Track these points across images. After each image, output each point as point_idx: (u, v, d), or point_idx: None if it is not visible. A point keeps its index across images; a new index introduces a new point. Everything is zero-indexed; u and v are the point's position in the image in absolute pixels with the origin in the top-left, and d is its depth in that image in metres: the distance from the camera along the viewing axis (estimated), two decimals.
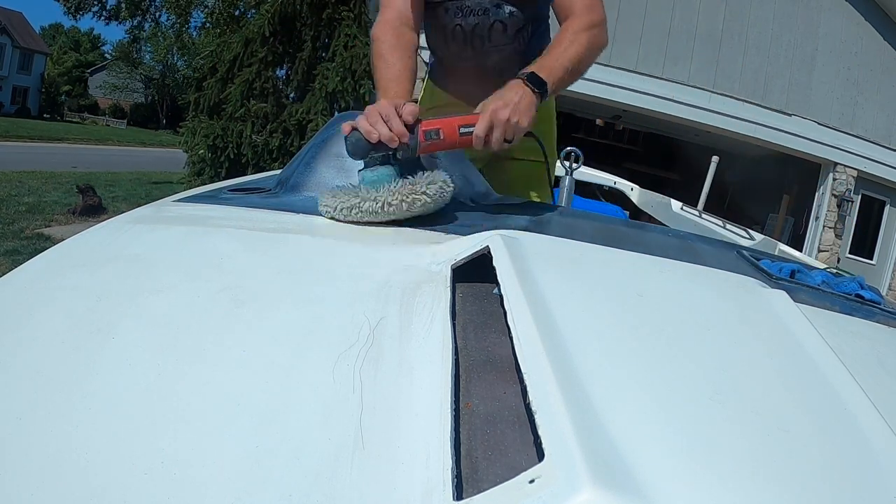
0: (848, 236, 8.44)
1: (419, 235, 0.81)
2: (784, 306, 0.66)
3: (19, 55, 34.80)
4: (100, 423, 0.43)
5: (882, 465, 0.43)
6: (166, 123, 36.76)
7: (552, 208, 1.28)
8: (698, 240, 1.15)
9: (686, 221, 2.57)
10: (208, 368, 0.49)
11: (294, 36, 6.99)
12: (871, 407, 0.49)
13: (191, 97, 7.34)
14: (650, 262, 0.76)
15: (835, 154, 7.93)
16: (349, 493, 0.39)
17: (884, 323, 0.82)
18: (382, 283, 0.63)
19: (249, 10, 8.74)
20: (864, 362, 0.63)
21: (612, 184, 3.13)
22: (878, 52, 8.01)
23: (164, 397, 0.46)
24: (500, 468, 0.41)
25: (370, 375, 0.49)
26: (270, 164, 6.39)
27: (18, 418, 0.44)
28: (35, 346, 0.51)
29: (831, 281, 0.98)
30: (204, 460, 0.41)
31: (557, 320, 0.52)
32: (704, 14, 7.42)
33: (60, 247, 0.72)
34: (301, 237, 0.78)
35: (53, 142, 18.17)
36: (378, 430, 0.44)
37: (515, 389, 0.48)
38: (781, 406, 0.49)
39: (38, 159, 11.81)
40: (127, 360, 0.49)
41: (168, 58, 37.85)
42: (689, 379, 0.50)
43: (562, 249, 0.75)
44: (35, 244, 4.93)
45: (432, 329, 0.56)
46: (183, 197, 0.99)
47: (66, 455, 0.41)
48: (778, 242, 2.52)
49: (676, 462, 0.39)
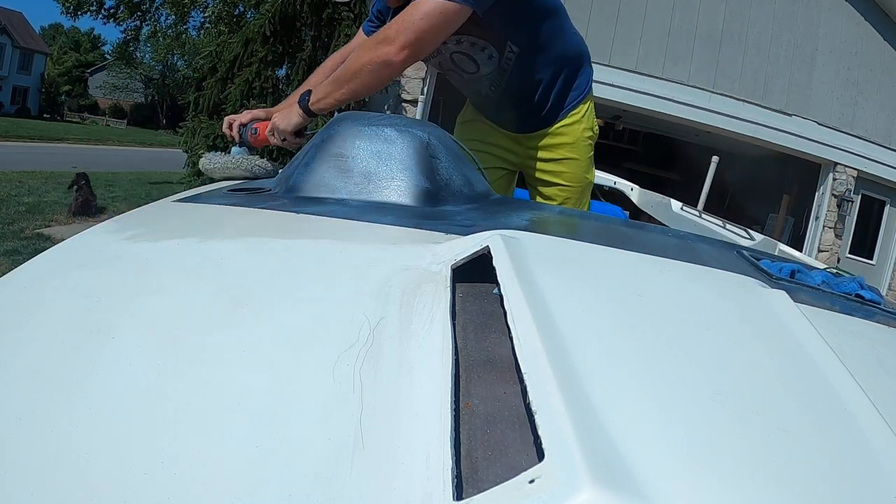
0: (848, 236, 8.44)
1: (419, 235, 0.81)
2: (784, 306, 0.66)
3: (19, 55, 34.80)
4: (100, 423, 0.43)
5: (882, 465, 0.43)
6: (166, 123, 36.74)
7: (552, 208, 1.28)
8: (698, 240, 1.15)
9: (686, 221, 2.57)
10: (208, 368, 0.49)
11: (294, 36, 6.99)
12: (871, 407, 0.49)
13: (191, 97, 7.33)
14: (650, 262, 0.76)
15: (835, 154, 7.94)
16: (349, 493, 0.39)
17: (884, 323, 0.82)
18: (382, 283, 0.63)
19: (249, 9, 8.74)
20: (864, 362, 0.63)
21: (612, 184, 3.12)
22: (878, 52, 8.01)
23: (164, 397, 0.46)
24: (500, 468, 0.41)
25: (370, 375, 0.49)
26: None
27: (18, 418, 0.44)
28: (35, 346, 0.51)
29: (831, 281, 0.98)
30: (204, 460, 0.41)
31: (557, 320, 0.52)
32: (704, 14, 7.42)
33: (60, 247, 0.72)
34: (301, 237, 0.78)
35: (53, 142, 18.17)
36: (378, 430, 0.44)
37: (515, 389, 0.48)
38: (781, 406, 0.49)
39: (38, 159, 11.81)
40: (127, 360, 0.49)
41: (168, 58, 37.82)
42: (689, 379, 0.50)
43: (562, 249, 0.75)
44: (35, 244, 4.93)
45: (432, 329, 0.56)
46: (183, 197, 0.99)
47: (66, 455, 0.41)
48: (778, 242, 2.52)
49: (676, 462, 0.39)
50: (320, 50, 6.96)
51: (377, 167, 0.98)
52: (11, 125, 20.40)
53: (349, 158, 0.98)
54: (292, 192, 0.98)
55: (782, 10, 7.61)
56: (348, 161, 0.97)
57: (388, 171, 0.98)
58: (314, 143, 1.05)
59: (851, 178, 8.07)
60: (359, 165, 0.98)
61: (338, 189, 0.96)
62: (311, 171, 1.00)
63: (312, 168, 1.00)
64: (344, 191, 0.96)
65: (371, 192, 0.96)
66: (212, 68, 7.14)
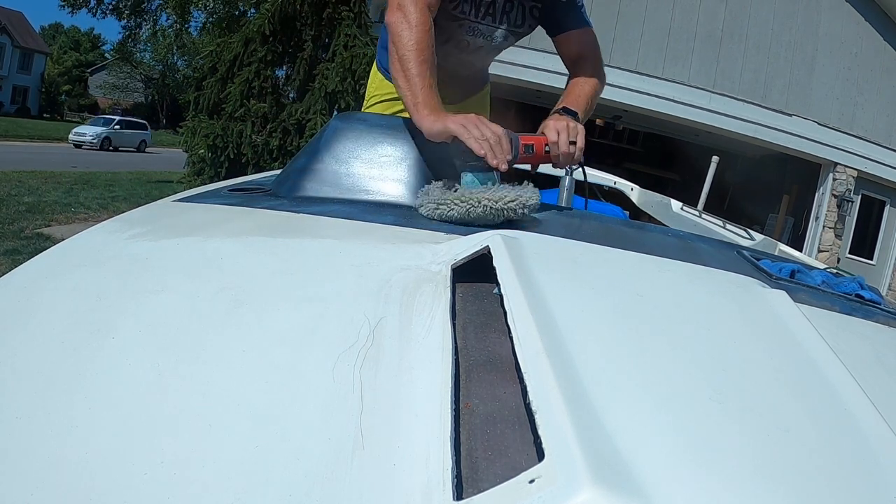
0: (848, 236, 8.45)
1: (419, 235, 0.81)
2: (784, 306, 0.66)
3: (19, 55, 34.78)
4: (99, 423, 0.43)
5: (882, 465, 0.43)
6: (166, 123, 36.74)
7: (552, 208, 1.29)
8: (698, 240, 1.15)
9: (686, 221, 2.56)
10: (208, 368, 0.49)
11: (294, 36, 6.98)
12: (871, 407, 0.49)
13: (191, 97, 7.32)
14: (650, 262, 0.76)
15: (835, 154, 7.94)
16: (349, 493, 0.39)
17: (884, 323, 0.82)
18: (382, 283, 0.63)
19: (249, 9, 8.73)
20: (864, 362, 0.63)
21: (612, 184, 3.12)
22: (878, 52, 8.01)
23: (164, 397, 0.46)
24: (500, 468, 0.41)
25: (370, 375, 0.49)
26: (270, 164, 6.38)
27: (18, 418, 0.44)
28: (35, 346, 0.51)
29: (831, 281, 0.98)
30: (204, 460, 0.41)
31: (557, 320, 0.52)
32: (704, 14, 7.43)
33: (60, 247, 0.72)
34: (301, 237, 0.78)
35: (53, 142, 18.17)
36: (378, 430, 0.44)
37: (515, 389, 0.48)
38: (781, 406, 0.49)
39: (38, 159, 11.81)
40: (127, 360, 0.49)
41: (168, 58, 37.83)
42: (689, 379, 0.50)
43: (562, 249, 0.75)
44: (35, 244, 4.93)
45: (432, 329, 0.56)
46: (183, 197, 0.99)
47: (66, 455, 0.41)
48: (778, 242, 2.51)
49: (676, 462, 0.39)
50: (320, 50, 6.95)
51: (377, 167, 0.98)
52: (11, 125, 20.41)
53: (349, 158, 0.98)
54: (292, 192, 0.98)
55: (782, 10, 7.62)
56: (348, 161, 0.97)
57: (388, 170, 0.98)
58: (314, 143, 1.05)
59: (851, 178, 8.07)
60: (359, 165, 0.98)
61: (338, 189, 0.96)
62: (311, 171, 1.00)
63: (312, 168, 1.00)
64: (344, 191, 0.96)
65: (371, 191, 0.96)
66: (212, 68, 7.14)
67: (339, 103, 6.49)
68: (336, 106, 6.48)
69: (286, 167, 1.12)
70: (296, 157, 1.10)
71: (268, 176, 1.29)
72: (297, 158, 1.08)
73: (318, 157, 1.01)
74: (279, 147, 6.61)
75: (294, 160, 1.09)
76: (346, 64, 6.47)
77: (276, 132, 6.66)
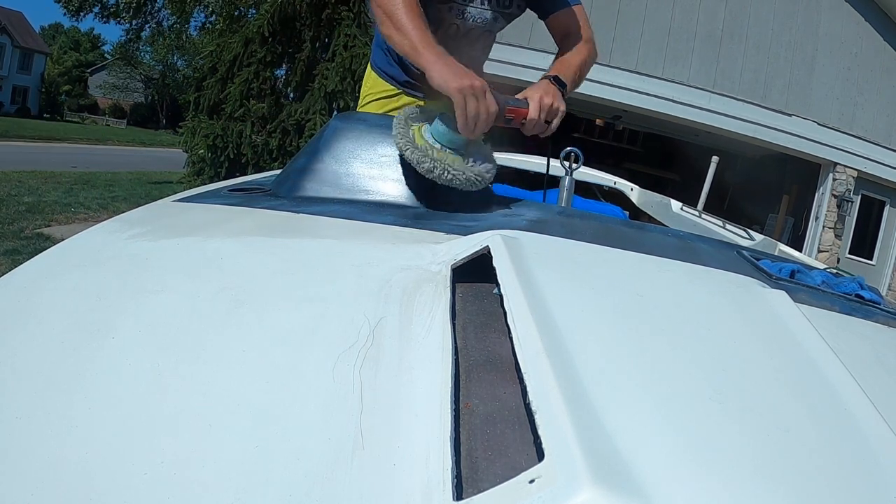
0: (848, 236, 8.44)
1: (419, 235, 0.81)
2: (784, 306, 0.66)
3: (19, 55, 34.78)
4: (99, 423, 0.43)
5: (882, 465, 0.43)
6: (166, 123, 36.74)
7: (552, 208, 1.29)
8: (698, 240, 1.15)
9: (686, 221, 2.56)
10: (208, 368, 0.49)
11: (293, 36, 6.98)
12: (871, 407, 0.49)
13: (190, 97, 7.33)
14: (650, 262, 0.76)
15: (835, 154, 7.93)
16: (349, 493, 0.39)
17: (884, 323, 0.82)
18: (382, 283, 0.63)
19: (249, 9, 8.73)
20: (864, 362, 0.63)
21: (612, 184, 3.12)
22: (878, 52, 8.01)
23: (163, 397, 0.46)
24: (500, 468, 0.41)
25: (370, 375, 0.49)
26: (270, 164, 6.38)
27: (18, 418, 0.44)
28: (35, 346, 0.51)
29: (831, 281, 0.98)
30: (204, 460, 0.41)
31: (557, 320, 0.52)
32: (704, 14, 7.42)
33: (60, 247, 0.72)
34: (301, 237, 0.78)
35: (53, 142, 18.16)
36: (378, 430, 0.44)
37: (515, 389, 0.48)
38: (781, 406, 0.49)
39: (38, 159, 11.79)
40: (126, 360, 0.49)
41: (168, 58, 37.80)
42: (688, 379, 0.50)
43: (562, 249, 0.75)
44: (35, 244, 4.92)
45: (432, 329, 0.56)
46: (183, 197, 0.99)
47: (66, 455, 0.41)
48: (778, 242, 2.51)
49: (676, 462, 0.39)
50: (320, 50, 6.95)
51: (377, 167, 0.98)
52: (11, 125, 20.37)
53: (349, 158, 0.98)
54: (292, 192, 0.98)
55: (782, 10, 7.61)
56: (348, 161, 0.96)
57: (388, 170, 0.98)
58: (314, 143, 1.05)
59: (851, 178, 8.07)
60: (358, 165, 0.98)
61: (338, 189, 0.96)
62: (310, 171, 1.00)
63: (312, 168, 1.00)
64: (344, 191, 0.96)
65: (371, 191, 0.96)
66: (212, 68, 7.14)
67: (339, 103, 6.49)
68: (336, 106, 6.48)
69: (286, 167, 1.12)
70: (295, 158, 1.10)
71: (268, 176, 1.29)
72: (297, 158, 1.08)
73: (318, 157, 1.01)
74: (279, 147, 6.61)
75: (294, 160, 1.09)
76: (346, 64, 6.47)
77: (276, 132, 6.66)
